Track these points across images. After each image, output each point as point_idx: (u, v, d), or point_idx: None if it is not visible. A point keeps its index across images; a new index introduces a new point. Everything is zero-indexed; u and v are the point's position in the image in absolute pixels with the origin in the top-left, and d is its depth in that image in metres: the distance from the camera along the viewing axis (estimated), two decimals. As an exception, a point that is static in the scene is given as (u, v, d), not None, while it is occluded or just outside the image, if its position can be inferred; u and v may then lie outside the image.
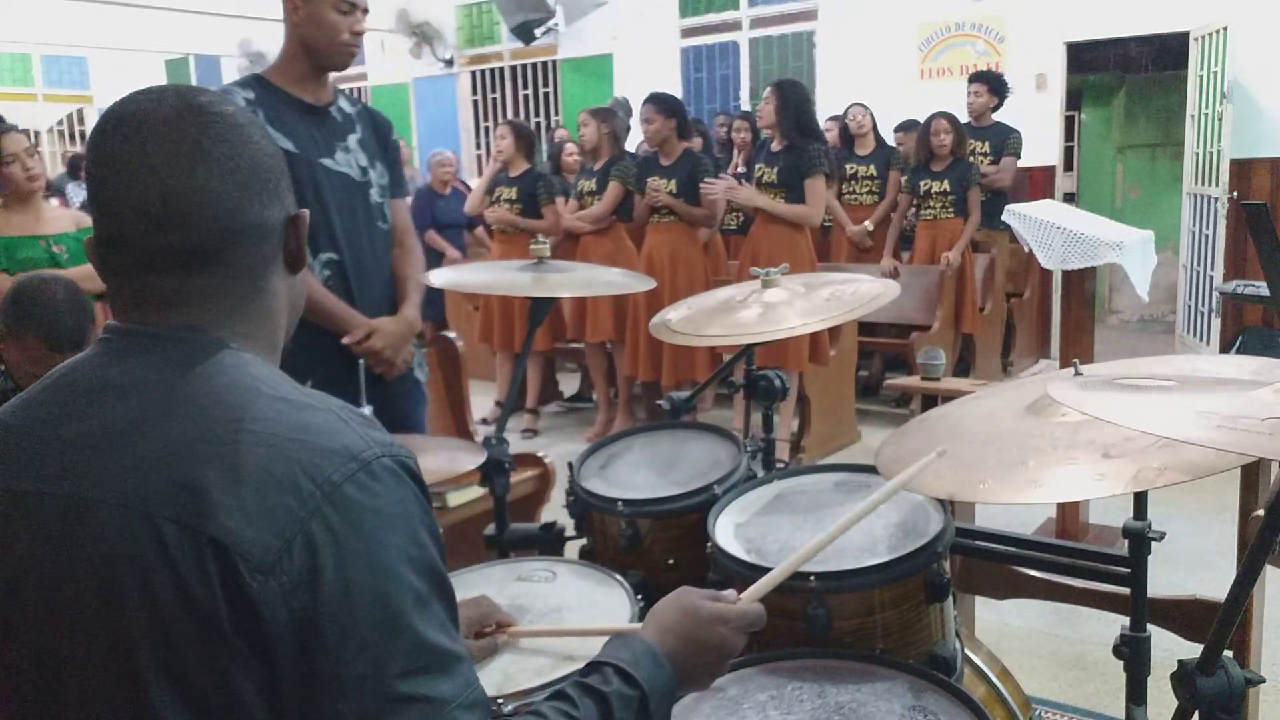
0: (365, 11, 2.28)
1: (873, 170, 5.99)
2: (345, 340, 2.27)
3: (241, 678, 0.75)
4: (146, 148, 0.84)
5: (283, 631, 0.75)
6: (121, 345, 0.86)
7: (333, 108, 2.34)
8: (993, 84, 5.96)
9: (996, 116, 5.97)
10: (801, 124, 4.65)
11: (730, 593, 1.11)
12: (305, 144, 2.24)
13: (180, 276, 0.86)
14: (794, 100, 4.64)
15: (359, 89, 10.46)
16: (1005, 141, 5.85)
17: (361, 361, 2.04)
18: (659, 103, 4.91)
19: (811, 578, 1.34)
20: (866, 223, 5.93)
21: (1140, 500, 1.51)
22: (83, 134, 11.87)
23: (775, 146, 4.71)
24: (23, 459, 0.83)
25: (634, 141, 6.39)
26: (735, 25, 8.16)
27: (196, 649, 0.75)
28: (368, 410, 1.85)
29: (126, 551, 0.76)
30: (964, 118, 5.76)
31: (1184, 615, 2.00)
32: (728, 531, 1.53)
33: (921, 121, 5.76)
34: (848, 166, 6.08)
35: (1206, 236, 6.04)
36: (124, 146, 0.84)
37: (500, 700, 1.25)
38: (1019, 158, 5.88)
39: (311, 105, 2.28)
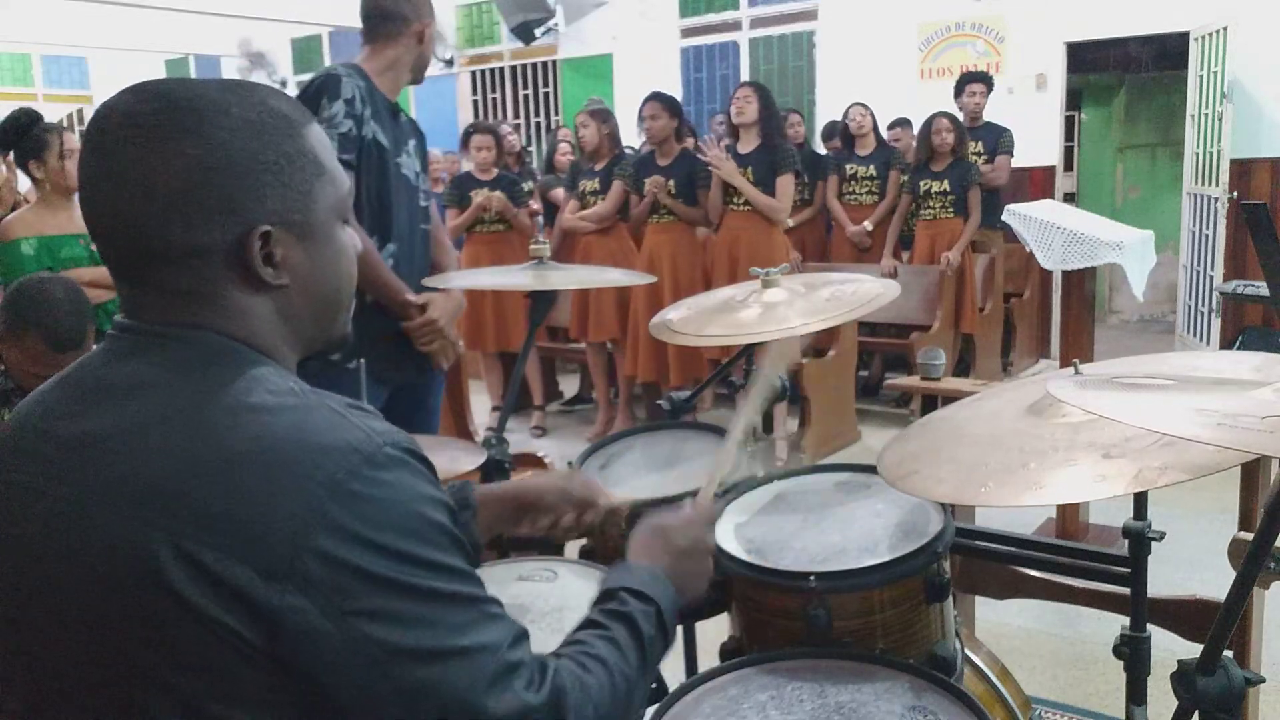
0: None
1: (872, 170, 5.99)
2: (409, 298, 2.43)
3: (252, 682, 0.75)
4: (87, 158, 0.85)
5: (311, 631, 0.74)
6: (127, 343, 0.86)
7: (401, 115, 2.54)
8: (989, 83, 5.98)
9: (987, 116, 5.98)
10: (776, 124, 4.81)
11: (687, 503, 1.24)
12: (392, 142, 2.44)
13: (127, 286, 0.86)
14: (771, 101, 4.79)
15: (359, 89, 10.45)
16: (998, 140, 5.87)
17: (363, 361, 2.04)
18: (664, 101, 4.95)
19: (811, 578, 1.34)
20: (865, 223, 5.94)
21: (1140, 500, 1.51)
22: (82, 134, 11.87)
23: (744, 148, 4.78)
24: (27, 454, 0.83)
25: (632, 141, 6.39)
26: (735, 25, 8.16)
27: (197, 662, 0.74)
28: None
29: (121, 563, 0.75)
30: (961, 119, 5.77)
31: (1184, 615, 2.00)
32: (728, 531, 1.53)
33: (914, 119, 5.74)
34: (847, 167, 6.08)
35: (1206, 236, 6.04)
36: (82, 150, 0.86)
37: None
38: (1012, 155, 5.90)
39: (395, 107, 2.50)
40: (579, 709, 0.87)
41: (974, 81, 5.95)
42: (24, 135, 3.36)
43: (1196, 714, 1.10)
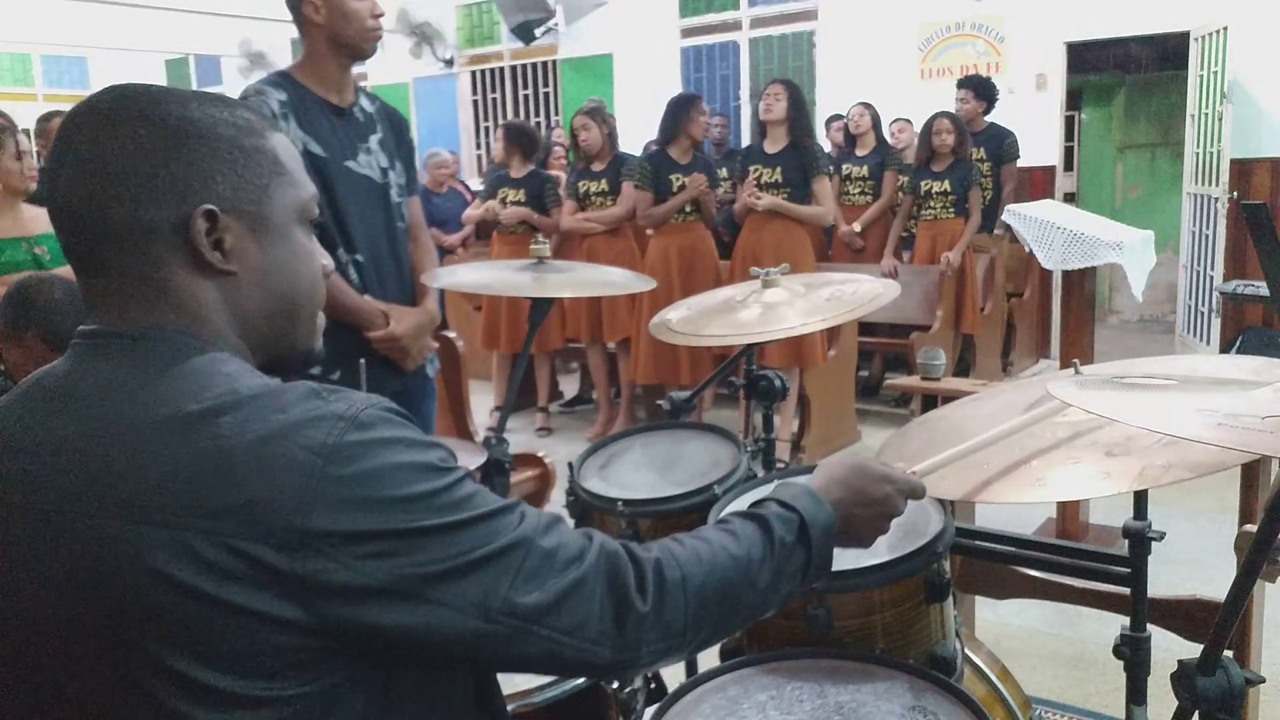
0: None
1: (865, 171, 5.99)
2: (370, 335, 2.30)
3: (290, 654, 0.77)
4: (53, 150, 0.87)
5: (345, 587, 0.76)
6: (89, 348, 0.86)
7: (355, 108, 2.35)
8: (977, 89, 5.96)
9: (991, 117, 5.98)
10: (805, 124, 4.73)
11: (901, 465, 1.16)
12: (332, 147, 2.26)
13: (85, 279, 0.87)
14: (800, 99, 4.71)
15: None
16: (1001, 147, 5.87)
17: (363, 361, 2.04)
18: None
19: (812, 577, 1.33)
20: (855, 224, 5.94)
21: (1140, 500, 1.51)
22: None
23: (771, 147, 4.71)
24: (3, 470, 0.83)
25: (632, 142, 6.39)
26: (735, 25, 8.16)
27: (218, 647, 0.75)
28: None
29: (118, 567, 0.75)
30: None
31: (1184, 615, 2.00)
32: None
33: (915, 119, 5.75)
34: (844, 167, 6.08)
35: (1206, 236, 6.04)
36: (51, 146, 0.88)
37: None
38: (1017, 160, 5.92)
39: (337, 107, 2.30)
40: (654, 563, 0.90)
41: (960, 88, 5.99)
42: None
43: (1196, 714, 1.10)
